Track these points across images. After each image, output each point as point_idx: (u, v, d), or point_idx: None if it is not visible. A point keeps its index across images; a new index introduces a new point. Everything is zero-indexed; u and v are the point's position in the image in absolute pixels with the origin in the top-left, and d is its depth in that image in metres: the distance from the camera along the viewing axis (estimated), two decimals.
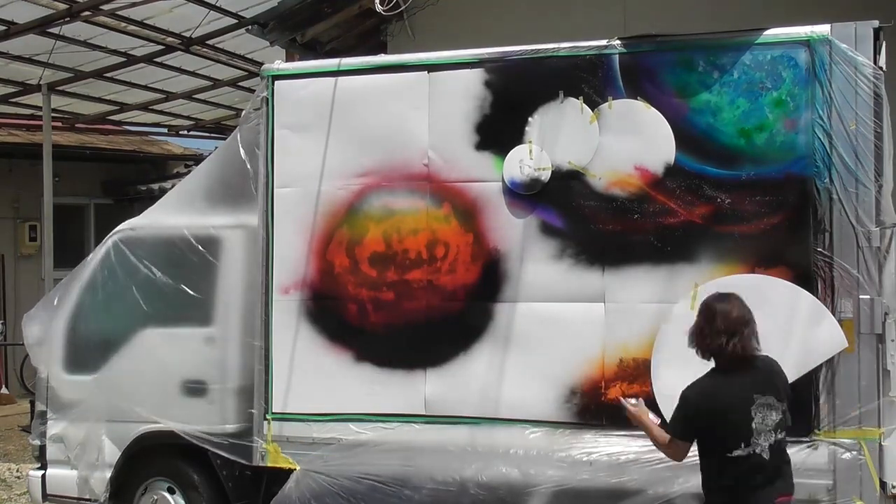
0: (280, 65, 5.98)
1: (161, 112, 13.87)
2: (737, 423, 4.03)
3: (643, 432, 4.43)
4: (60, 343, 6.42)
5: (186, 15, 9.58)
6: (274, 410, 5.69)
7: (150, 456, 6.19)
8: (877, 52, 4.79)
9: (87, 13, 9.26)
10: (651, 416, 4.41)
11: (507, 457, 5.21)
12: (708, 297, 4.27)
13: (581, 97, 5.20)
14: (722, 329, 4.06)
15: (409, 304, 5.47)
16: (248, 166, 5.87)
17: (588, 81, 5.19)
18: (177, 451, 6.10)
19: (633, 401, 4.48)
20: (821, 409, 4.76)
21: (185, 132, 15.52)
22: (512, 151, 5.30)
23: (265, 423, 5.70)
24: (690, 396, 4.15)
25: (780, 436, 4.09)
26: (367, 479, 5.45)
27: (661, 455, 4.41)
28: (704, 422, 4.10)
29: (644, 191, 5.08)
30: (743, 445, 4.00)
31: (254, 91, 6.48)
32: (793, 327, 4.71)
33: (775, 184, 4.88)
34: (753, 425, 4.01)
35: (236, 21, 9.69)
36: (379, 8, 6.36)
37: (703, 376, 4.16)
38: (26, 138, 13.99)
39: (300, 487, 5.55)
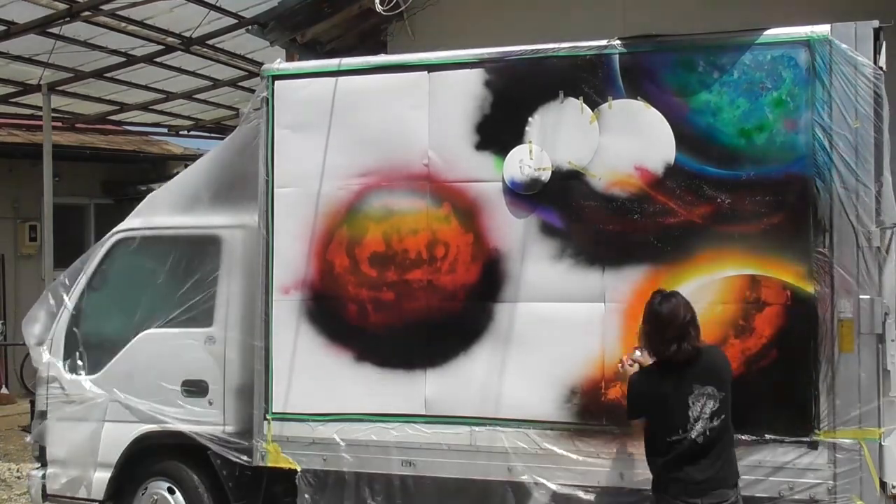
0: (280, 65, 5.97)
1: (161, 112, 13.88)
2: (674, 411, 4.36)
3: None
4: (61, 343, 6.43)
5: (186, 15, 9.59)
6: (274, 410, 5.69)
7: (150, 456, 6.18)
8: (877, 52, 4.78)
9: (87, 13, 9.27)
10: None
11: (507, 456, 5.21)
12: (653, 301, 4.51)
13: (581, 97, 5.20)
14: (672, 337, 4.38)
15: (409, 304, 5.47)
16: (248, 166, 5.87)
17: (588, 81, 5.19)
18: (177, 451, 6.11)
19: (629, 362, 4.77)
20: (821, 409, 4.75)
21: (185, 132, 15.53)
22: (512, 151, 5.29)
23: (265, 423, 5.70)
24: (635, 383, 4.59)
25: (716, 423, 4.34)
26: (366, 480, 5.46)
27: None
28: (646, 407, 4.52)
29: (644, 191, 5.08)
30: (680, 431, 4.34)
31: (254, 91, 6.48)
32: None
33: (775, 184, 4.88)
34: (690, 413, 4.34)
35: (236, 21, 9.69)
36: (379, 8, 6.36)
37: (651, 366, 4.56)
38: (26, 138, 13.99)
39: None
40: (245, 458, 5.79)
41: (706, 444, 4.34)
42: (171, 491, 6.14)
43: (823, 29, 4.83)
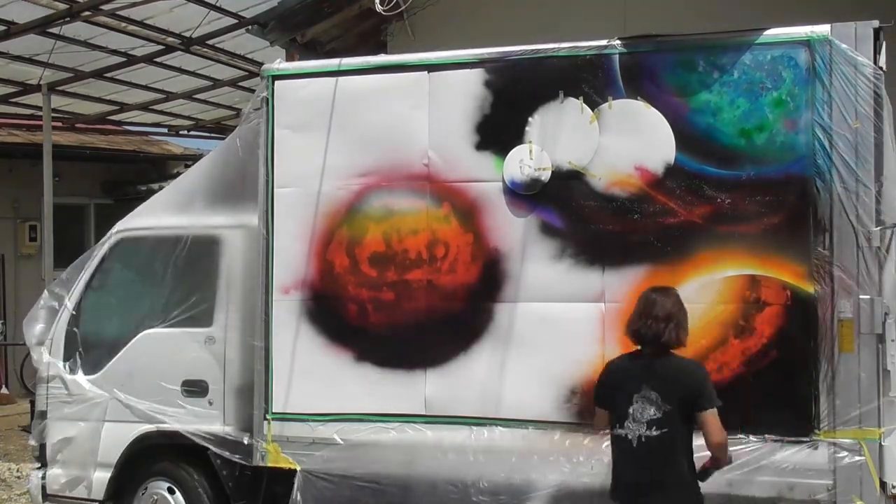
0: (280, 65, 5.98)
1: (161, 112, 13.86)
2: (620, 401, 4.32)
3: None
4: (61, 343, 6.42)
5: (186, 15, 9.58)
6: (274, 410, 5.69)
7: (150, 456, 6.19)
8: (877, 52, 4.78)
9: (87, 13, 9.26)
10: None
11: (508, 457, 5.21)
12: (648, 288, 4.54)
13: (581, 97, 5.20)
14: (660, 316, 4.31)
15: (409, 304, 5.47)
16: (248, 166, 5.87)
17: (588, 81, 5.19)
18: (177, 451, 6.10)
19: None
20: (821, 409, 4.75)
21: (185, 132, 15.51)
22: (512, 151, 5.30)
23: (265, 423, 5.70)
24: (605, 367, 4.60)
25: (653, 432, 4.18)
26: (367, 480, 5.46)
27: None
28: (603, 391, 4.50)
29: (644, 191, 5.08)
30: (617, 426, 4.32)
31: (254, 91, 6.48)
32: None
33: (775, 184, 4.88)
34: (630, 410, 4.27)
35: (236, 21, 9.68)
36: (379, 8, 6.36)
37: (624, 354, 4.54)
38: (26, 138, 13.99)
39: (304, 496, 5.55)
40: (245, 458, 5.79)
41: (640, 450, 4.22)
42: (171, 491, 6.13)
43: (823, 29, 4.83)
